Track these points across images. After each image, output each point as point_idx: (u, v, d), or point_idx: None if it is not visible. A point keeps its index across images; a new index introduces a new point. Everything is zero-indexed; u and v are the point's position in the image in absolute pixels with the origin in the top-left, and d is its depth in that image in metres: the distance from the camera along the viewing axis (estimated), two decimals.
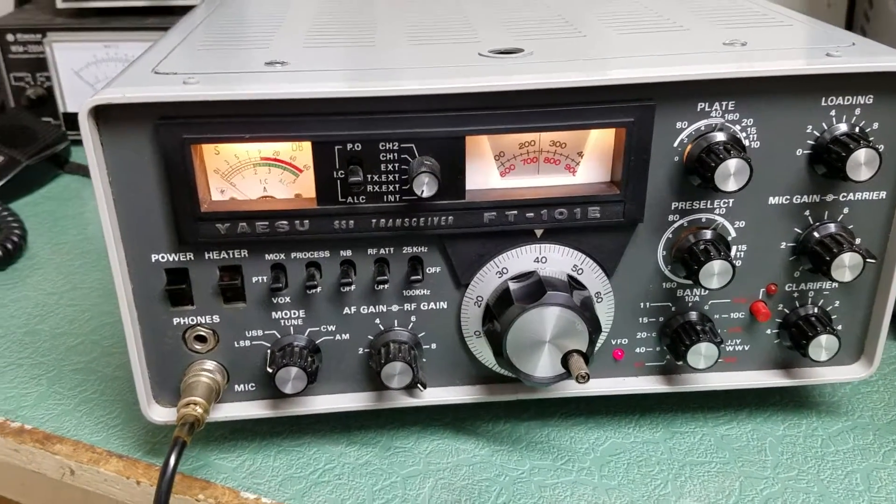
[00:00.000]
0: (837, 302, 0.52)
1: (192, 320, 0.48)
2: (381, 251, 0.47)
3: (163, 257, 0.46)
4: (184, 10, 0.98)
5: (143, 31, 0.97)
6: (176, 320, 0.48)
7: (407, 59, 0.48)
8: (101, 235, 0.79)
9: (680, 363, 0.50)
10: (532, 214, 0.46)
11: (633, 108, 0.44)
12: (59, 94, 0.99)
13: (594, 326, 0.46)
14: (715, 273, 0.46)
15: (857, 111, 0.46)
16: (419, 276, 0.48)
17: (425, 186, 0.43)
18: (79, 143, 0.99)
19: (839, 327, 0.52)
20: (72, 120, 1.00)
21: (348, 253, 0.47)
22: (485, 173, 0.47)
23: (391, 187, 0.45)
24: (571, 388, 0.52)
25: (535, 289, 0.46)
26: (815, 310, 0.51)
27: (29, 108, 1.01)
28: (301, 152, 0.46)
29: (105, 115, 0.42)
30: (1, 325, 0.66)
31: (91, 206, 0.87)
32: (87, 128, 0.42)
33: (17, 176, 0.87)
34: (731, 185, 0.44)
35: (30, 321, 0.67)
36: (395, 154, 0.44)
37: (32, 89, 1.01)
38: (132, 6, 0.98)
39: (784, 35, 0.52)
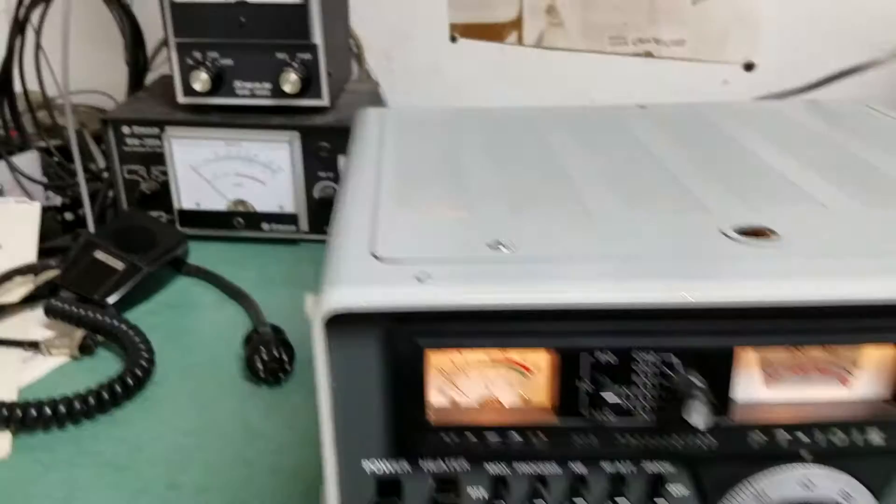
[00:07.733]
0: None
1: None
2: (619, 467, 0.41)
3: (377, 467, 0.41)
4: (310, 111, 0.95)
5: (267, 129, 0.93)
6: None
7: (643, 240, 0.42)
8: (231, 358, 0.75)
9: None
10: (807, 439, 0.40)
11: None
12: (175, 189, 0.96)
13: None
14: None
15: None
16: (662, 499, 0.41)
17: (700, 416, 0.37)
18: (194, 238, 0.95)
19: None
20: (186, 216, 0.97)
21: (581, 468, 0.41)
22: (748, 383, 0.41)
23: (644, 403, 0.39)
24: None
25: None
26: None
27: (141, 203, 0.98)
28: (533, 353, 0.40)
29: (334, 319, 0.37)
30: (140, 474, 0.61)
31: (214, 318, 0.83)
32: (321, 336, 0.37)
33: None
34: None
35: (170, 470, 0.61)
36: (653, 366, 0.38)
37: (146, 183, 0.98)
38: (256, 105, 0.95)
39: None
